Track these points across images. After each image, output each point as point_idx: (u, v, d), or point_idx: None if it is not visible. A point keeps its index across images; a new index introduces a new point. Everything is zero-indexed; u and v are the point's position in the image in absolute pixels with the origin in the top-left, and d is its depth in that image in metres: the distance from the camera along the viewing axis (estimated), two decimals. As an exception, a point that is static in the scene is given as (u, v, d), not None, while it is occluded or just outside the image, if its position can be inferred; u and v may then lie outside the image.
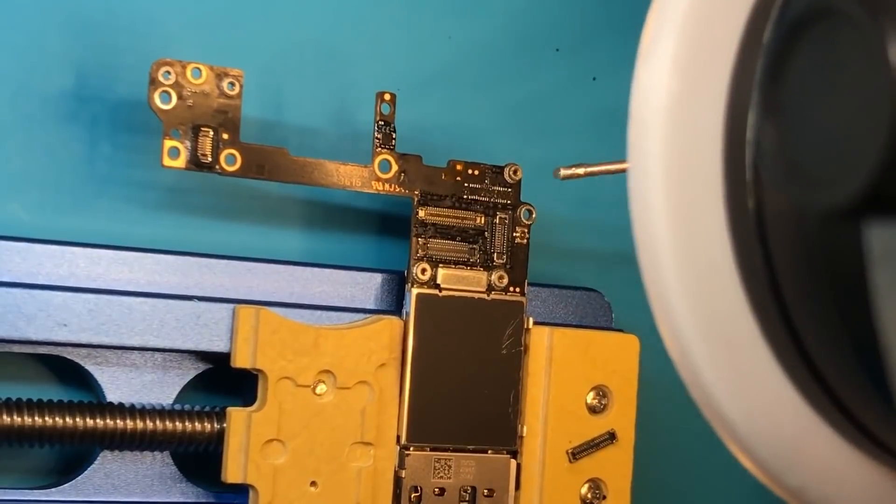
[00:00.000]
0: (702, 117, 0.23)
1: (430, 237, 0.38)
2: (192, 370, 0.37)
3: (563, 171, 0.36)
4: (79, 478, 0.36)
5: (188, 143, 0.35)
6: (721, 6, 0.23)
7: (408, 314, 0.38)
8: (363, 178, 0.38)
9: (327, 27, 0.40)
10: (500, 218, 0.39)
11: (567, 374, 0.39)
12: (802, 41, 0.21)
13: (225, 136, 0.36)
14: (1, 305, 0.34)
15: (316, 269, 0.38)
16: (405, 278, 0.38)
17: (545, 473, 0.39)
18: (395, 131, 0.38)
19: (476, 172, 0.39)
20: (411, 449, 0.37)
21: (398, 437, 0.37)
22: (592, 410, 0.40)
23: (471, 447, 0.38)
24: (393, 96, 0.38)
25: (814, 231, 0.22)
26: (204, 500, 0.37)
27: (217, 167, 0.36)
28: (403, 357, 0.37)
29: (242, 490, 0.36)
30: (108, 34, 0.37)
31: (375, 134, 0.38)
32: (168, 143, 0.35)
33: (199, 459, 0.37)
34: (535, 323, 0.39)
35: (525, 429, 0.39)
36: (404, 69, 0.41)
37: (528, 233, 0.40)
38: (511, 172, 0.39)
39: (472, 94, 0.42)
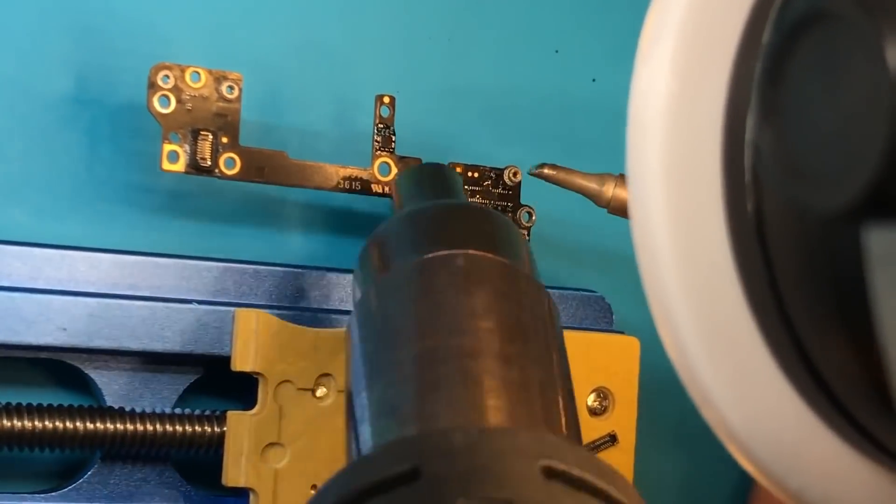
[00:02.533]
0: (701, 119, 0.23)
1: (429, 240, 0.38)
2: (191, 374, 0.37)
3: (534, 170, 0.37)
4: (79, 482, 0.36)
5: (187, 147, 0.35)
6: (720, 8, 0.23)
7: (408, 317, 0.37)
8: (363, 180, 0.38)
9: (326, 30, 0.40)
10: (499, 220, 0.39)
11: (567, 377, 0.39)
12: (801, 43, 0.21)
13: (224, 139, 0.36)
14: (1, 310, 0.34)
15: (316, 272, 0.38)
16: (405, 281, 0.38)
17: (546, 476, 0.39)
18: (394, 134, 0.38)
19: (476, 175, 0.39)
20: (412, 452, 0.37)
21: (399, 440, 0.37)
22: (593, 412, 0.40)
23: (471, 450, 0.38)
24: (392, 99, 0.38)
25: (813, 233, 0.22)
26: (204, 504, 0.37)
27: (216, 171, 0.36)
28: (404, 360, 0.37)
29: (243, 494, 0.36)
30: (108, 38, 0.37)
31: (375, 137, 0.38)
32: (167, 147, 0.35)
33: (199, 463, 0.37)
34: (536, 325, 0.39)
35: (526, 431, 0.39)
36: (403, 71, 0.41)
37: (528, 235, 0.40)
38: (511, 175, 0.39)
39: (471, 96, 0.42)
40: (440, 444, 0.23)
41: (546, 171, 0.37)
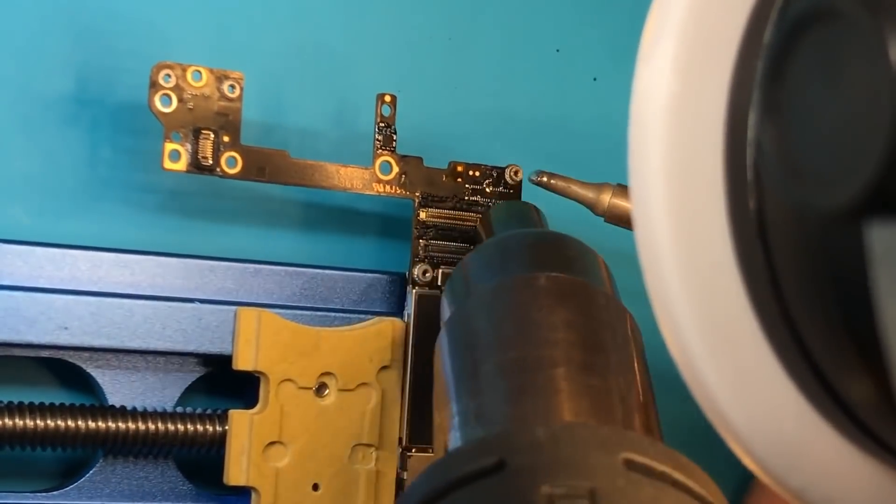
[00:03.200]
0: (702, 118, 0.23)
1: (431, 238, 0.38)
2: (193, 373, 0.37)
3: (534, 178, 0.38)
4: (81, 481, 0.36)
5: (189, 146, 0.35)
6: (721, 6, 0.23)
7: (409, 315, 0.38)
8: (364, 179, 0.38)
9: (327, 29, 0.40)
10: (501, 219, 0.39)
11: (569, 375, 0.39)
12: (803, 41, 0.21)
13: (226, 138, 0.36)
14: (2, 309, 0.34)
15: (317, 271, 0.38)
16: (406, 279, 0.38)
17: (547, 474, 0.39)
18: (395, 133, 0.38)
19: (477, 174, 0.39)
20: (413, 451, 0.37)
21: (400, 439, 0.37)
22: (594, 411, 0.39)
23: (473, 448, 0.38)
24: (393, 98, 0.38)
25: (815, 231, 0.22)
26: (206, 503, 0.37)
27: (218, 170, 0.36)
28: (405, 358, 0.37)
29: (244, 492, 0.36)
30: (109, 38, 0.37)
31: (376, 136, 0.38)
32: (169, 146, 0.35)
33: (201, 462, 0.37)
34: (537, 324, 0.39)
35: (527, 430, 0.39)
36: (405, 71, 0.41)
37: (530, 234, 0.40)
38: (512, 173, 0.39)
39: (472, 96, 0.42)
40: (524, 439, 0.24)
41: (545, 178, 0.38)
